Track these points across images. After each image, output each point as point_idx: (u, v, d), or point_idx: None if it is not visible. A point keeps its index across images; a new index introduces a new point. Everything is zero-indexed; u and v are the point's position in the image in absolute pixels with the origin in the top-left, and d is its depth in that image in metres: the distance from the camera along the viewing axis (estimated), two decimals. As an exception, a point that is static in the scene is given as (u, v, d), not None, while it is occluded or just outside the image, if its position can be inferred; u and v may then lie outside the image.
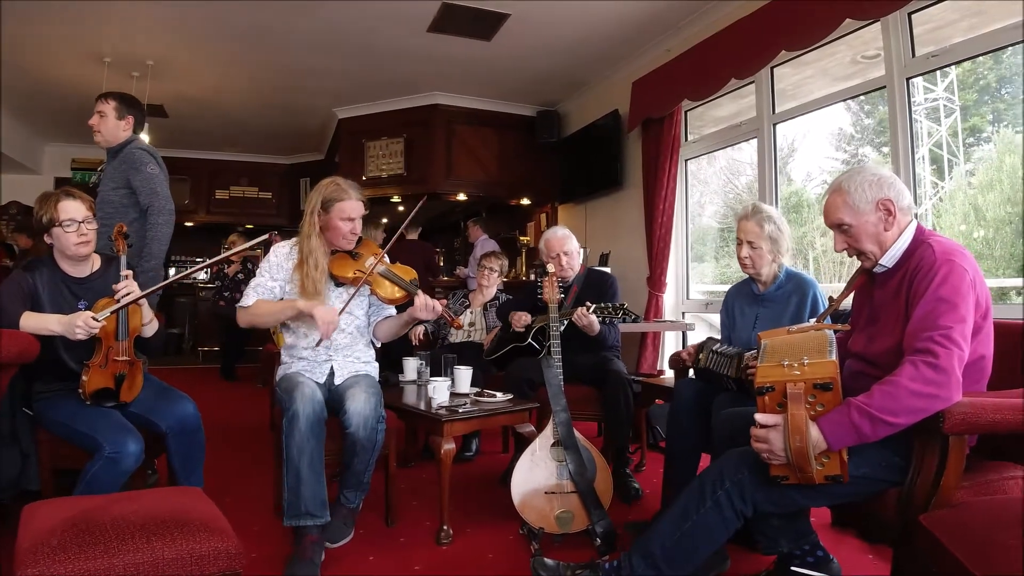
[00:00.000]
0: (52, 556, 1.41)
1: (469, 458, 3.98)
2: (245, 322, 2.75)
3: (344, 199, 2.72)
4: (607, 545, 2.52)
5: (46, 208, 2.44)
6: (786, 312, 2.66)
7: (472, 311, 4.46)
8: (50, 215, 2.43)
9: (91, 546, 1.45)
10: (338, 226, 2.73)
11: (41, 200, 2.50)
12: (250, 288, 2.77)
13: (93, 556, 1.43)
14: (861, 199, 1.91)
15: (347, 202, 2.73)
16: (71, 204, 2.46)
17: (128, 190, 3.25)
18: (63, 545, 1.44)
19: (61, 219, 2.43)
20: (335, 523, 2.56)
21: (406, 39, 5.70)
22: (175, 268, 10.97)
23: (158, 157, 3.38)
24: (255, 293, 2.75)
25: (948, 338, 1.65)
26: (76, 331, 2.24)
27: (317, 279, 2.70)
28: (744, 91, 4.94)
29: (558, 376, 2.87)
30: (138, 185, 3.22)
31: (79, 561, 1.41)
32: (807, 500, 1.86)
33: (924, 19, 3.54)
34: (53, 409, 2.41)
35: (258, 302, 2.73)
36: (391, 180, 7.51)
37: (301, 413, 2.40)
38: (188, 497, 1.80)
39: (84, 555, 1.43)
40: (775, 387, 1.70)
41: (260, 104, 7.60)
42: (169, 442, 2.53)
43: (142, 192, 3.21)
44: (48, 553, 1.42)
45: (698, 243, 5.91)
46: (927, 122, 3.81)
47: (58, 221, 2.43)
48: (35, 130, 8.56)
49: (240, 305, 2.76)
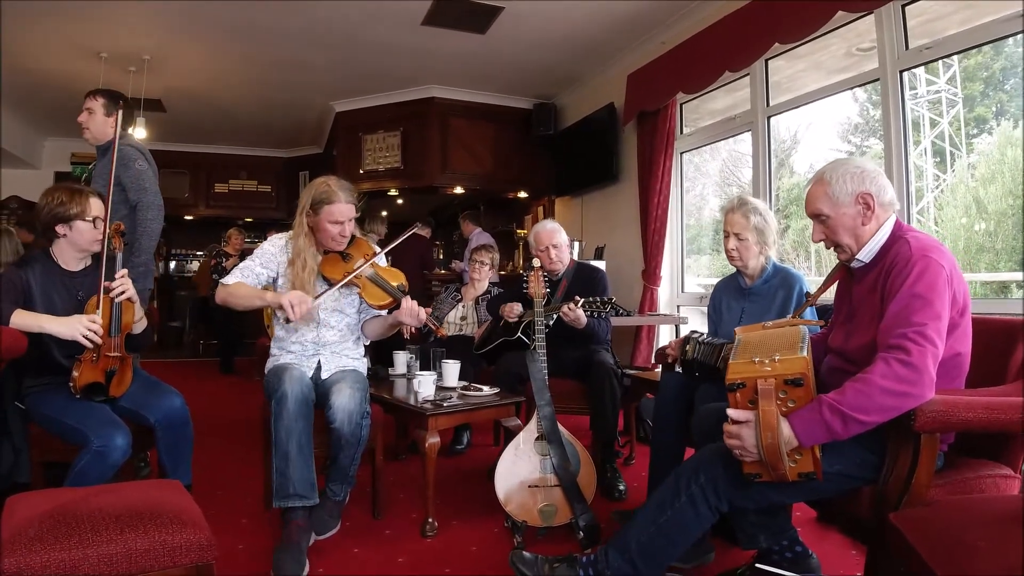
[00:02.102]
0: (28, 547, 1.43)
1: (460, 451, 4.00)
2: (220, 298, 2.72)
3: (334, 202, 2.68)
4: (590, 539, 2.53)
5: (77, 201, 2.49)
6: (772, 307, 2.66)
7: (464, 305, 4.46)
8: (81, 207, 2.49)
9: (67, 537, 1.47)
10: (327, 229, 2.70)
11: (68, 192, 2.52)
12: (236, 268, 2.78)
13: (68, 547, 1.45)
14: (841, 191, 1.90)
15: (336, 205, 2.68)
16: (98, 202, 2.55)
17: (118, 187, 3.25)
18: (40, 536, 1.46)
19: (93, 214, 2.50)
20: (321, 516, 2.57)
21: (401, 33, 5.68)
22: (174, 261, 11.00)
23: (147, 153, 3.39)
24: (239, 274, 2.75)
25: (922, 335, 1.64)
26: (81, 335, 2.29)
27: (305, 279, 2.69)
28: (739, 84, 4.92)
29: (543, 370, 2.87)
30: (127, 182, 3.23)
31: (54, 552, 1.43)
32: (781, 496, 1.86)
33: (918, 11, 3.51)
34: (43, 403, 2.43)
35: (238, 283, 2.72)
36: (388, 174, 7.51)
37: (289, 393, 2.42)
38: (165, 490, 1.82)
39: (59, 546, 1.45)
40: (746, 383, 1.70)
41: (258, 98, 7.59)
42: (158, 435, 2.57)
43: (131, 188, 3.23)
44: (25, 544, 1.44)
45: (701, 236, 5.89)
46: (929, 114, 3.79)
47: (88, 215, 2.49)
48: (34, 125, 8.57)
49: (222, 281, 2.76)
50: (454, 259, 8.71)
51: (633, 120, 5.67)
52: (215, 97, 7.56)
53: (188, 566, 1.55)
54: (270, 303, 2.62)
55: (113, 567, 1.47)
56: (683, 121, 5.60)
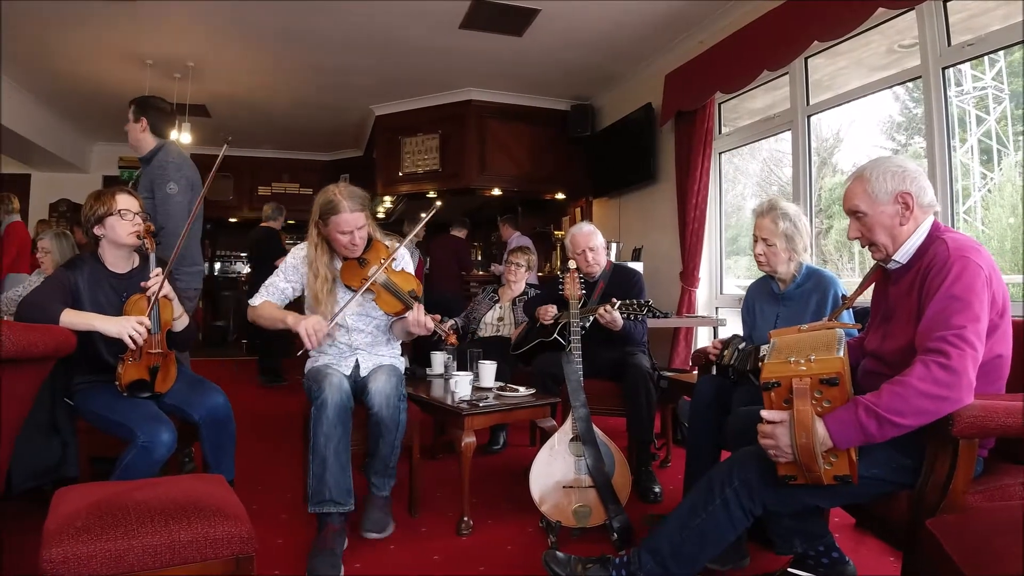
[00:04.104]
0: (76, 537, 1.48)
1: (496, 451, 4.03)
2: (250, 318, 2.82)
3: (340, 212, 2.63)
4: (624, 540, 2.53)
5: (103, 201, 2.58)
6: (806, 311, 2.61)
7: (501, 306, 4.49)
8: (107, 206, 2.57)
9: (112, 528, 1.52)
10: (336, 239, 2.70)
11: (96, 195, 2.63)
12: (263, 287, 2.84)
13: (114, 537, 1.50)
14: (880, 189, 1.87)
15: (342, 215, 2.64)
16: (127, 197, 2.63)
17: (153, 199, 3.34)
18: (87, 527, 1.51)
19: (119, 208, 2.57)
20: (374, 514, 2.61)
21: (439, 36, 5.75)
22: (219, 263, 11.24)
23: (185, 167, 3.41)
24: (265, 293, 2.81)
25: (961, 338, 1.61)
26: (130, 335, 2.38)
27: (318, 289, 2.72)
28: (778, 82, 4.86)
29: (578, 372, 2.88)
30: (157, 201, 3.28)
31: (100, 542, 1.48)
32: (816, 500, 1.84)
33: (960, 7, 3.43)
34: (91, 400, 2.52)
35: (264, 304, 2.78)
36: (427, 176, 7.60)
37: (329, 401, 2.46)
38: (209, 484, 1.87)
39: (105, 536, 1.50)
40: (781, 383, 1.69)
41: (299, 102, 7.75)
42: (201, 432, 2.64)
43: (159, 211, 3.25)
44: (72, 534, 1.49)
45: (741, 236, 5.82)
46: (975, 110, 3.70)
47: (115, 210, 2.57)
48: (83, 130, 8.89)
49: (250, 302, 2.83)
50: (493, 263, 8.74)
51: (671, 120, 5.65)
52: (258, 102, 7.74)
53: (229, 558, 1.59)
54: (291, 327, 2.63)
55: (157, 558, 1.52)
56: (722, 121, 5.56)
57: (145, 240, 2.61)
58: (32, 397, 2.26)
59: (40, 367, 2.22)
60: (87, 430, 2.54)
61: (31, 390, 2.23)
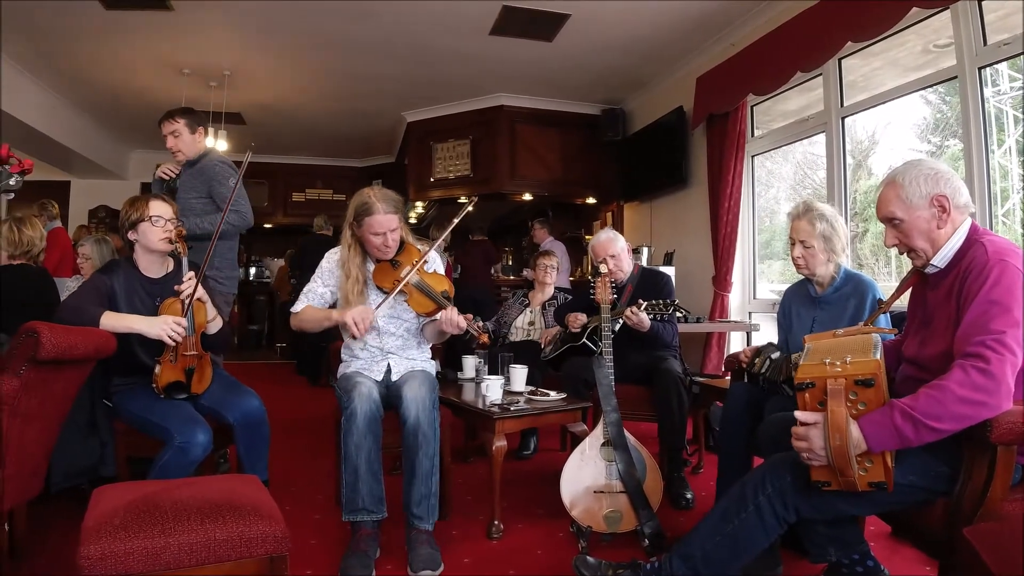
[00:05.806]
0: (114, 534, 1.52)
1: (527, 456, 4.03)
2: (295, 326, 2.87)
3: (373, 213, 2.68)
4: (655, 546, 2.51)
5: (137, 207, 2.67)
6: (844, 315, 2.56)
7: (531, 310, 4.50)
8: (140, 211, 2.65)
9: (150, 526, 1.55)
10: (370, 240, 2.73)
11: (131, 201, 2.72)
12: (302, 293, 2.89)
13: (151, 535, 1.53)
14: (915, 193, 1.83)
15: (376, 217, 2.68)
16: (160, 203, 2.71)
17: (209, 198, 3.44)
18: (124, 524, 1.55)
19: (152, 214, 2.65)
20: (424, 550, 2.40)
21: (469, 43, 5.80)
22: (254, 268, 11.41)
23: (235, 169, 3.53)
24: (305, 299, 2.86)
25: (1000, 343, 1.58)
26: (168, 335, 2.46)
27: (349, 290, 2.75)
28: (812, 84, 4.80)
29: (609, 376, 2.87)
30: (222, 195, 3.37)
31: (137, 539, 1.51)
32: (851, 507, 1.81)
33: (995, 6, 3.37)
34: (129, 401, 2.59)
35: (306, 308, 2.83)
36: (458, 181, 7.65)
37: (359, 411, 2.48)
38: (244, 484, 1.90)
39: (143, 534, 1.53)
40: (815, 383, 1.66)
41: (332, 109, 7.87)
42: (236, 433, 2.69)
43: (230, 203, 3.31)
44: (110, 531, 1.52)
45: (774, 240, 5.76)
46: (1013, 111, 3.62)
47: (147, 216, 2.65)
48: (122, 138, 9.14)
49: (292, 310, 2.89)
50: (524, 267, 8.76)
51: (703, 123, 5.61)
52: (292, 109, 7.87)
53: (263, 557, 1.62)
54: (336, 322, 2.69)
55: (193, 556, 1.54)
56: (754, 123, 5.50)
57: (177, 244, 2.67)
58: (72, 398, 2.33)
59: (80, 369, 2.29)
60: (125, 431, 2.61)
61: (72, 391, 2.30)
